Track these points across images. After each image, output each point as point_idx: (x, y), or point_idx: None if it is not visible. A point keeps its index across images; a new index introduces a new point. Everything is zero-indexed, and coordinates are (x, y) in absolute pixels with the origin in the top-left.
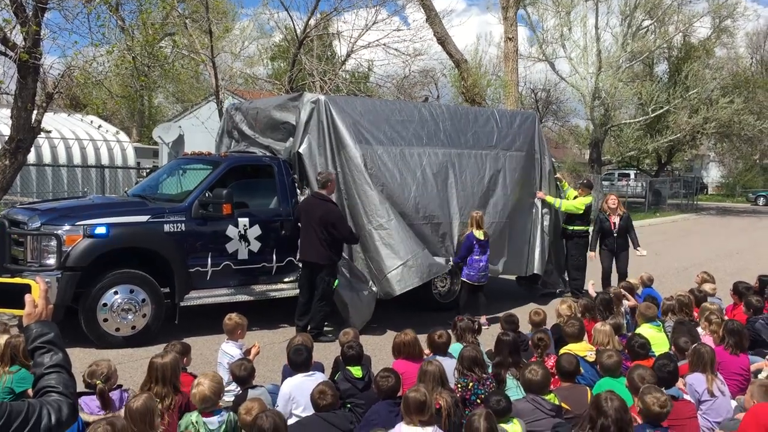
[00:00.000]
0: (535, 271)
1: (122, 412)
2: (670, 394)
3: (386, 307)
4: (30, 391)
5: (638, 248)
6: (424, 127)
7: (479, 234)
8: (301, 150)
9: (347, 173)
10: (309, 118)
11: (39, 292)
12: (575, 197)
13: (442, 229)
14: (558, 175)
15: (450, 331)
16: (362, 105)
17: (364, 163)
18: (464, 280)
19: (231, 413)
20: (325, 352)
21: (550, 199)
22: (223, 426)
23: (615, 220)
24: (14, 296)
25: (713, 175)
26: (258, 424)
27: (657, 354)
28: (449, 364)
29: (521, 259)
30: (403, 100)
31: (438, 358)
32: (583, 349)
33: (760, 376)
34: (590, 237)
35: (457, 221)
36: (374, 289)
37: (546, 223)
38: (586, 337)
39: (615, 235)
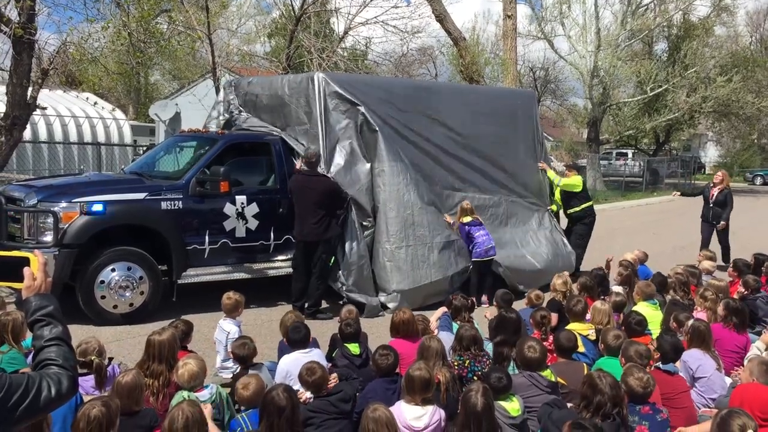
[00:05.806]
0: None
1: None
2: (666, 370)
3: None
4: (21, 371)
5: (721, 222)
6: (424, 107)
7: (466, 219)
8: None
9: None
10: (313, 97)
11: (38, 265)
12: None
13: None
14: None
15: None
16: (363, 82)
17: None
18: (474, 260)
19: (219, 386)
20: (322, 329)
21: (551, 174)
22: (213, 397)
23: (714, 192)
24: (13, 269)
25: (711, 154)
26: (274, 401)
27: (653, 332)
28: (448, 340)
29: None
30: (403, 78)
31: (440, 334)
32: (585, 328)
33: (754, 353)
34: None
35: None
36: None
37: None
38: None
39: (711, 205)
